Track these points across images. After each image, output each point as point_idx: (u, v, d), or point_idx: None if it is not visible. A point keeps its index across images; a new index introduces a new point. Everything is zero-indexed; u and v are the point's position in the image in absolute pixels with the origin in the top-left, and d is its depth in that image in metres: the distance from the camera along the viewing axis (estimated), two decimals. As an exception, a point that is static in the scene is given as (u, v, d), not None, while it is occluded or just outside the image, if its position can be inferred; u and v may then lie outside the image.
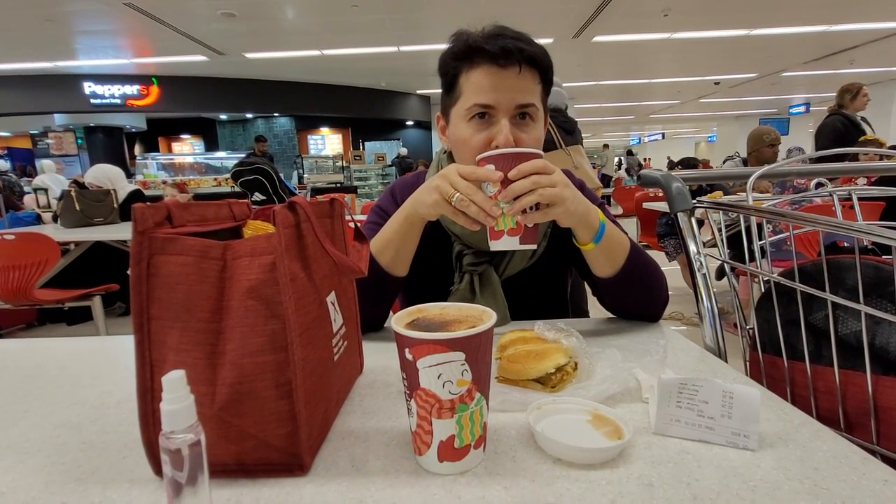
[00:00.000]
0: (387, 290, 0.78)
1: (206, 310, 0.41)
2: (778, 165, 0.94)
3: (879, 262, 0.61)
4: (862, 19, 6.22)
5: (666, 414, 0.47)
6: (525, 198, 0.60)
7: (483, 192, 0.62)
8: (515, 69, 0.70)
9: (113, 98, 8.49)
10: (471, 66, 0.72)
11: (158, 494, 0.41)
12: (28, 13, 5.25)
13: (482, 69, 0.71)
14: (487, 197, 0.62)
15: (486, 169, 0.62)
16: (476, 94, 0.72)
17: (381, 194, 0.90)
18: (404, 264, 0.76)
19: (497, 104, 0.72)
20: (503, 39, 0.70)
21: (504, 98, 0.72)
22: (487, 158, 0.63)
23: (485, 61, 0.71)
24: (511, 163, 0.61)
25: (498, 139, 0.72)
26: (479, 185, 0.63)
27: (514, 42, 0.70)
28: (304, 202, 0.46)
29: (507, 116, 0.72)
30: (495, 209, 0.61)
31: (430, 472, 0.43)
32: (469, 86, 0.73)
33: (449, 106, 0.78)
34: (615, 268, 0.73)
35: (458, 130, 0.76)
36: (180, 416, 0.34)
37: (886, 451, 0.57)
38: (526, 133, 0.74)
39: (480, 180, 0.63)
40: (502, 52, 0.69)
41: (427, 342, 0.40)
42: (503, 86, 0.71)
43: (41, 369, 0.71)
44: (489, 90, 0.71)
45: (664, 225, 3.45)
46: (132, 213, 0.39)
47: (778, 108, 14.01)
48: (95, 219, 3.12)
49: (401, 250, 0.74)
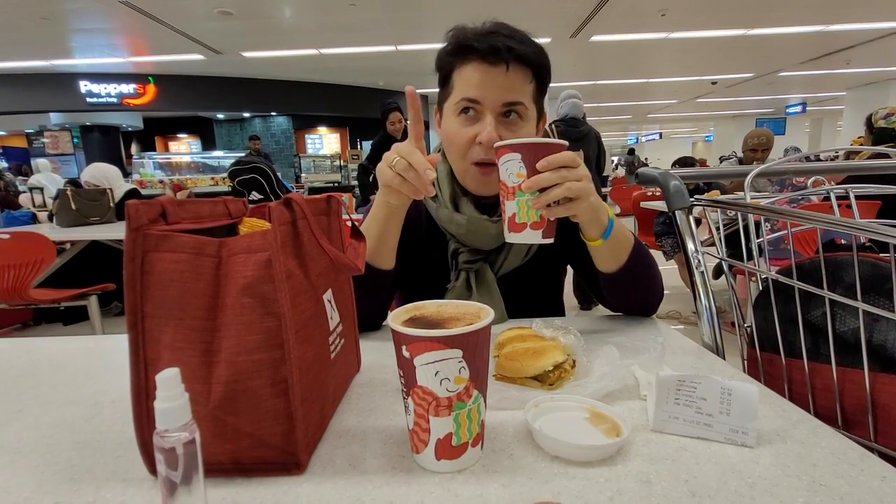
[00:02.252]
0: (375, 285, 0.77)
1: (201, 307, 0.40)
2: (774, 164, 0.94)
3: (877, 260, 0.61)
4: (858, 19, 6.24)
5: (664, 411, 0.47)
6: (553, 191, 0.59)
7: (417, 156, 0.59)
8: (503, 67, 0.71)
9: (109, 97, 8.44)
10: (463, 62, 0.73)
11: (153, 494, 0.40)
12: (23, 11, 5.21)
13: (472, 65, 0.73)
14: (424, 159, 0.59)
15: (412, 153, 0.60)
16: (464, 88, 0.73)
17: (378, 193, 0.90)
18: (387, 256, 0.75)
19: (483, 100, 0.73)
20: (496, 37, 0.71)
21: (490, 95, 0.72)
22: (511, 146, 0.60)
23: (475, 58, 0.72)
24: (538, 153, 0.59)
25: (481, 135, 0.72)
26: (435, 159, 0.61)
27: (505, 40, 0.70)
28: (301, 199, 0.46)
29: (493, 113, 0.73)
30: (429, 172, 0.59)
31: (428, 470, 0.43)
32: (459, 81, 0.74)
33: (442, 100, 0.79)
34: (619, 263, 0.73)
35: (448, 124, 0.78)
36: (174, 414, 0.34)
37: (884, 448, 0.57)
38: (511, 131, 0.75)
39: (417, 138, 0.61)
40: (491, 49, 0.70)
41: (424, 339, 0.39)
42: (491, 83, 0.72)
43: (35, 368, 0.70)
44: (476, 86, 0.72)
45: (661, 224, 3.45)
46: (126, 210, 0.38)
47: (775, 108, 14.06)
48: (91, 218, 3.10)
49: (381, 240, 0.73)
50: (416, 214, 0.87)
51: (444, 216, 0.83)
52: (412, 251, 0.87)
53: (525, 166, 0.59)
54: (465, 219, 0.81)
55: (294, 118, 10.83)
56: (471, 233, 0.81)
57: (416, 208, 0.87)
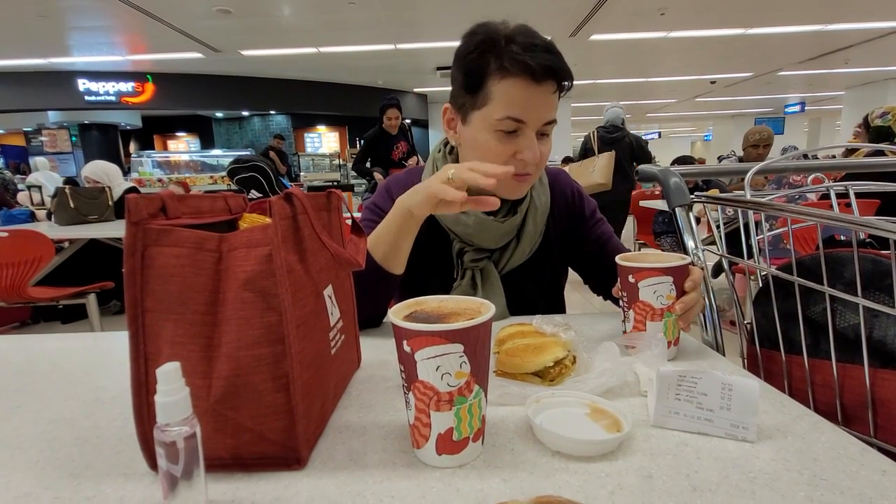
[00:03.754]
0: (382, 288, 0.77)
1: (201, 302, 0.40)
2: (774, 161, 0.94)
3: (877, 256, 0.61)
4: (857, 19, 6.25)
5: (665, 406, 0.47)
6: (695, 309, 0.63)
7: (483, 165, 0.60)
8: (550, 87, 0.70)
9: (108, 95, 8.41)
10: (504, 74, 0.70)
11: (153, 489, 0.40)
12: (21, 9, 5.20)
13: (518, 82, 0.69)
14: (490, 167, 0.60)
15: (494, 166, 0.60)
16: (509, 107, 0.70)
17: (376, 192, 0.90)
18: (400, 262, 0.74)
19: (528, 120, 0.71)
20: (541, 54, 0.68)
21: (535, 115, 0.72)
22: (662, 270, 0.61)
23: (521, 73, 0.68)
24: (684, 274, 0.62)
25: (525, 154, 0.72)
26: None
27: (551, 58, 0.69)
28: (301, 193, 0.46)
29: (534, 131, 0.73)
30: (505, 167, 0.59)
31: (429, 465, 0.42)
32: (502, 95, 0.70)
33: (470, 107, 0.75)
34: None
35: (481, 137, 0.74)
36: (175, 408, 0.34)
37: (884, 443, 0.57)
38: (545, 147, 0.76)
39: (489, 174, 0.59)
40: (542, 69, 0.68)
41: (425, 334, 0.39)
42: (536, 103, 0.71)
43: (33, 365, 0.70)
44: (523, 106, 0.70)
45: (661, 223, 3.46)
46: (126, 204, 0.38)
47: (774, 108, 14.06)
48: (90, 216, 3.09)
49: (395, 246, 0.72)
50: None
51: (450, 217, 0.83)
52: (414, 251, 0.87)
53: (675, 289, 0.62)
54: (472, 219, 0.81)
55: (293, 117, 10.80)
56: (477, 233, 0.82)
57: None
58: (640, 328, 0.63)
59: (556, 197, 0.91)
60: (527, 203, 0.84)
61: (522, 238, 0.84)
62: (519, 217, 0.83)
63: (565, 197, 0.92)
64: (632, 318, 0.63)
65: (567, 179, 0.95)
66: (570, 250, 0.93)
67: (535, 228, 0.85)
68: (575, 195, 0.93)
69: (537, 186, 0.87)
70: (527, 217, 0.84)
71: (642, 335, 0.62)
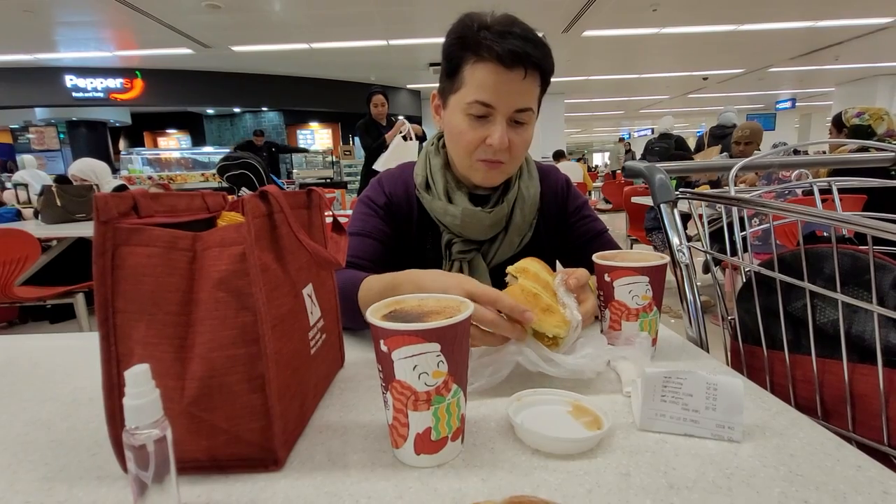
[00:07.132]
0: (360, 318, 0.75)
1: (174, 302, 0.39)
2: (758, 157, 0.95)
3: (857, 252, 0.61)
4: (847, 16, 6.29)
5: (651, 408, 0.46)
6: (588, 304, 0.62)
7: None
8: (521, 73, 0.70)
9: (96, 91, 8.29)
10: (477, 60, 0.71)
11: (127, 492, 0.39)
12: (6, 3, 5.10)
13: (488, 67, 0.70)
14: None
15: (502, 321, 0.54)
16: (478, 90, 0.72)
17: (368, 185, 0.90)
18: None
19: (497, 105, 0.72)
20: (513, 40, 0.69)
21: (505, 100, 0.72)
22: (638, 270, 0.59)
23: (491, 59, 0.70)
24: (662, 274, 0.61)
25: (492, 139, 0.73)
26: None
27: (523, 44, 0.69)
28: (277, 191, 0.45)
29: (504, 117, 0.73)
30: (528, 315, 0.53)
31: (408, 464, 0.42)
32: (472, 80, 0.72)
33: (448, 91, 0.77)
34: None
35: (455, 120, 0.76)
36: (144, 411, 0.33)
37: (861, 437, 0.58)
38: (518, 136, 0.75)
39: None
40: (510, 55, 0.68)
41: (402, 333, 0.39)
42: (506, 89, 0.71)
43: (13, 366, 0.69)
44: (491, 90, 0.71)
45: (652, 219, 3.47)
46: (94, 203, 0.37)
47: (765, 104, 14.15)
48: (77, 215, 3.05)
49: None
50: (407, 206, 0.88)
51: (438, 208, 0.83)
52: (404, 243, 0.87)
53: (651, 288, 0.61)
54: (459, 210, 0.81)
55: (285, 113, 10.71)
56: (465, 224, 0.82)
57: (407, 200, 0.88)
58: (615, 328, 0.62)
59: (547, 191, 0.91)
60: (514, 194, 0.84)
61: (510, 229, 0.84)
62: (506, 207, 0.83)
63: (554, 191, 0.92)
64: (608, 316, 0.63)
65: (558, 175, 0.95)
66: (558, 245, 0.93)
67: (523, 220, 0.85)
68: (563, 190, 0.93)
69: (525, 178, 0.87)
70: (514, 208, 0.84)
71: (623, 334, 0.61)
